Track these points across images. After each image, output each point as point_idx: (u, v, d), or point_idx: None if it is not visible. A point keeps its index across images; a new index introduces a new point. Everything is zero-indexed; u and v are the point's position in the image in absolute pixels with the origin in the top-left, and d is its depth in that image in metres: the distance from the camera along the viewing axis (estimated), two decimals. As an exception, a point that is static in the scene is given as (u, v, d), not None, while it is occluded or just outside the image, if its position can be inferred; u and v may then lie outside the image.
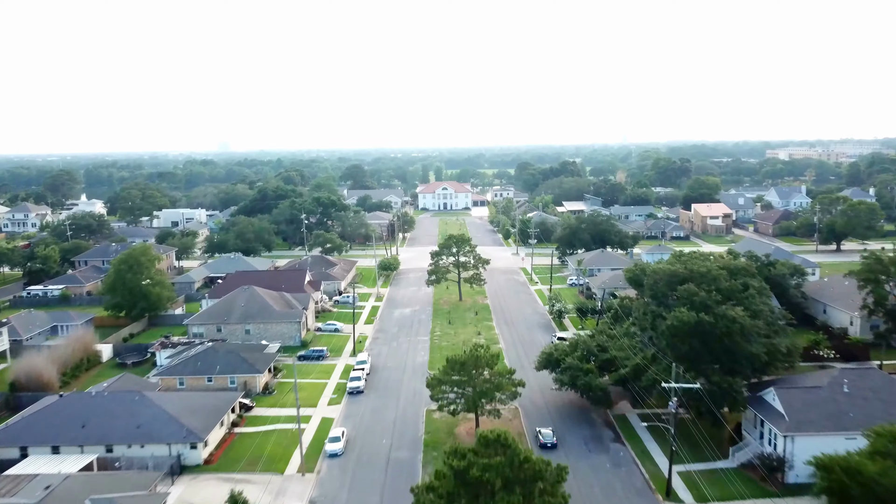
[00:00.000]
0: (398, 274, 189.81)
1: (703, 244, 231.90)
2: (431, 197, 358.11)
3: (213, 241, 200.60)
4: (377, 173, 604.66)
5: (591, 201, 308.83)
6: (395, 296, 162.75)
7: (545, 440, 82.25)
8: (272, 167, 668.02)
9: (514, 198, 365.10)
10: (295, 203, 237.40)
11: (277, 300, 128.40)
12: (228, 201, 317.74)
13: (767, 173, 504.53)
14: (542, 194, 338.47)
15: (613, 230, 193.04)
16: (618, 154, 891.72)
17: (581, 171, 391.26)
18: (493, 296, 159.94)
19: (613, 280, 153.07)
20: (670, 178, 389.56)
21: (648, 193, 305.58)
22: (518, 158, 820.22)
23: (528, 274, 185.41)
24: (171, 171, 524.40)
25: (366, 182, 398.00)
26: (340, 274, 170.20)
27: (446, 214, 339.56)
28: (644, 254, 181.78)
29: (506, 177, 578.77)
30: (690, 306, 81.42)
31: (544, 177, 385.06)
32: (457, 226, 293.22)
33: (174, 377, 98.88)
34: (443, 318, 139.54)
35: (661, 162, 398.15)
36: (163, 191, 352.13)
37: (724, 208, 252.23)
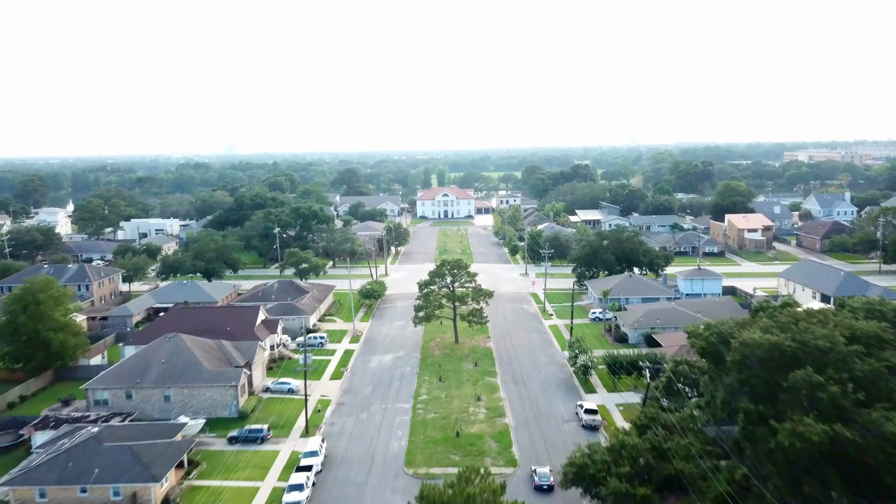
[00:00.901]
0: (384, 301, 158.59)
1: (743, 262, 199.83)
2: (431, 204, 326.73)
3: (167, 261, 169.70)
4: (376, 177, 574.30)
5: (607, 210, 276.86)
6: (376, 334, 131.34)
7: (541, 481, 70.49)
8: (268, 171, 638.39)
9: (521, 205, 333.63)
10: (270, 214, 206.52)
11: (212, 353, 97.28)
12: (206, 210, 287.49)
13: (791, 177, 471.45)
14: (552, 201, 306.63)
15: (641, 248, 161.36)
16: (628, 156, 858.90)
17: (593, 175, 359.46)
18: (498, 335, 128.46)
19: (649, 317, 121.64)
20: (691, 184, 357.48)
21: (671, 201, 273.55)
22: (525, 161, 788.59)
23: (541, 302, 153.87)
24: (152, 175, 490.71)
25: (360, 188, 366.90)
26: (311, 305, 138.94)
27: (447, 223, 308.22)
28: (681, 279, 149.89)
29: (512, 181, 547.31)
30: (811, 406, 50.21)
31: (554, 182, 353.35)
32: (458, 237, 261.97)
33: (32, 488, 67.96)
34: (432, 370, 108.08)
35: (681, 166, 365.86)
36: (138, 198, 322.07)
37: (763, 219, 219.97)
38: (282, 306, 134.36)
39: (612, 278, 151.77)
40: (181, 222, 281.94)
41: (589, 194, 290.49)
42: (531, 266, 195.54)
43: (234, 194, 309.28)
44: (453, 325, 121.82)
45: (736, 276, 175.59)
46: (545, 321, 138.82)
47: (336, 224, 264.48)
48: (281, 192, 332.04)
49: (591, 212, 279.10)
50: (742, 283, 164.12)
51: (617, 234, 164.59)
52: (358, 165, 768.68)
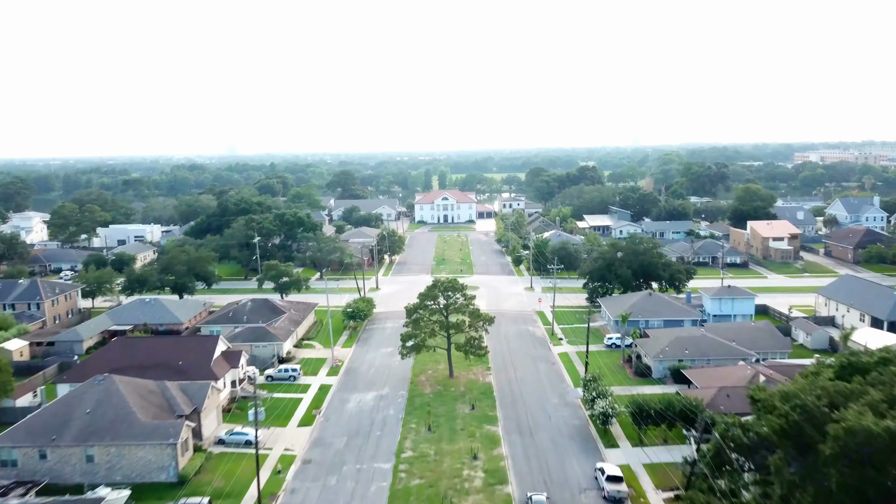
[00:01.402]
0: (372, 321, 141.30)
1: (769, 274, 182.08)
2: (430, 208, 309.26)
3: (132, 275, 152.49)
4: (376, 179, 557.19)
5: (617, 215, 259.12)
6: (359, 364, 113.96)
7: None
8: (264, 172, 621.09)
9: (525, 209, 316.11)
10: (253, 222, 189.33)
11: (151, 398, 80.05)
12: (190, 215, 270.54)
13: (806, 179, 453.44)
14: (558, 206, 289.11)
15: (661, 261, 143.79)
16: (633, 157, 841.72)
17: (601, 178, 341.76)
18: (500, 365, 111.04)
19: (676, 347, 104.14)
20: (704, 186, 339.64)
21: (686, 206, 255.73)
22: (528, 162, 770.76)
23: (548, 323, 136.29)
24: (147, 176, 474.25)
25: (356, 190, 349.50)
26: (285, 329, 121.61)
27: (446, 229, 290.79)
28: (708, 298, 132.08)
29: (516, 182, 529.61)
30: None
31: (560, 184, 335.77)
32: (457, 244, 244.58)
33: None
34: (421, 414, 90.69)
35: (692, 167, 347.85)
36: (120, 202, 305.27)
37: (788, 227, 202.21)
38: (251, 332, 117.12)
39: (629, 296, 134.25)
40: (163, 228, 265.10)
41: (597, 198, 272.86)
42: (537, 278, 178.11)
43: (221, 198, 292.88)
44: (447, 357, 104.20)
45: (763, 291, 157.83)
46: (554, 347, 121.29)
47: (328, 230, 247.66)
48: (272, 196, 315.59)
49: (600, 217, 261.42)
50: (772, 299, 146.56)
51: (633, 244, 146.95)
52: (358, 167, 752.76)
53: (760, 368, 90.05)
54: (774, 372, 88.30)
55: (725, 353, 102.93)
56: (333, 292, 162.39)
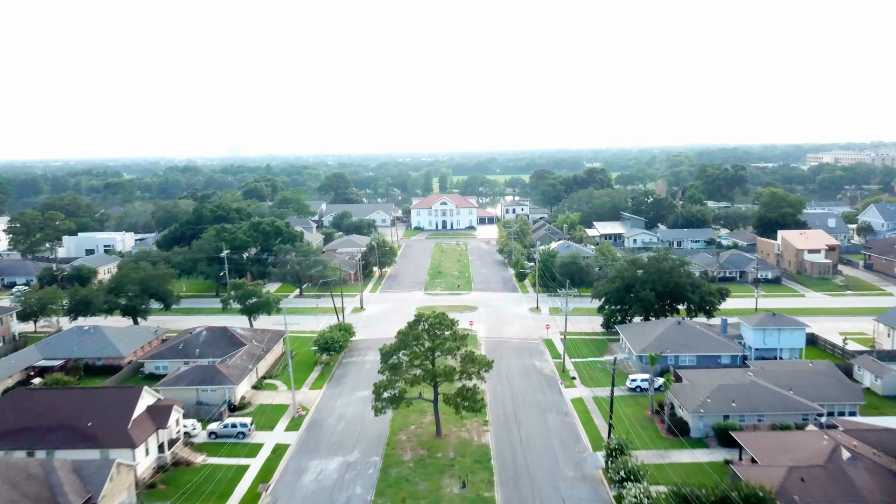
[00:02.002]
0: (351, 352, 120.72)
1: (806, 291, 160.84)
2: (427, 213, 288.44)
3: (76, 296, 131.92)
4: (374, 181, 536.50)
5: (630, 222, 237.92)
6: (327, 415, 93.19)
7: None
8: (259, 174, 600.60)
9: (529, 214, 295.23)
10: (225, 232, 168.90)
11: (26, 488, 59.43)
12: (168, 221, 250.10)
13: (824, 182, 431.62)
14: (565, 211, 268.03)
15: (689, 281, 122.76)
16: (640, 158, 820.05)
17: (610, 181, 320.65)
18: (500, 417, 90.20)
19: (720, 398, 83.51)
20: (720, 190, 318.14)
21: (705, 212, 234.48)
22: (532, 164, 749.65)
23: (558, 355, 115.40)
24: (121, 180, 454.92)
25: (349, 194, 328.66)
26: (240, 368, 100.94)
27: (445, 236, 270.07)
28: (749, 329, 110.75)
29: (519, 185, 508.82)
30: None
31: (567, 188, 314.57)
32: (456, 254, 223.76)
33: None
34: (396, 494, 69.89)
35: (708, 169, 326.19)
36: (95, 207, 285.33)
37: (825, 237, 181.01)
38: (199, 372, 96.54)
39: (654, 325, 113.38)
40: (137, 236, 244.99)
41: (608, 203, 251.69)
42: (543, 296, 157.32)
43: (201, 204, 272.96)
44: (434, 411, 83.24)
45: (803, 314, 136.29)
46: (566, 391, 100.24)
47: (315, 239, 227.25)
48: (259, 201, 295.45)
49: (612, 224, 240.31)
50: (816, 324, 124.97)
51: (656, 261, 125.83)
52: (359, 168, 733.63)
53: (839, 437, 69.15)
54: (859, 443, 67.46)
55: (782, 406, 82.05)
56: (307, 312, 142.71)
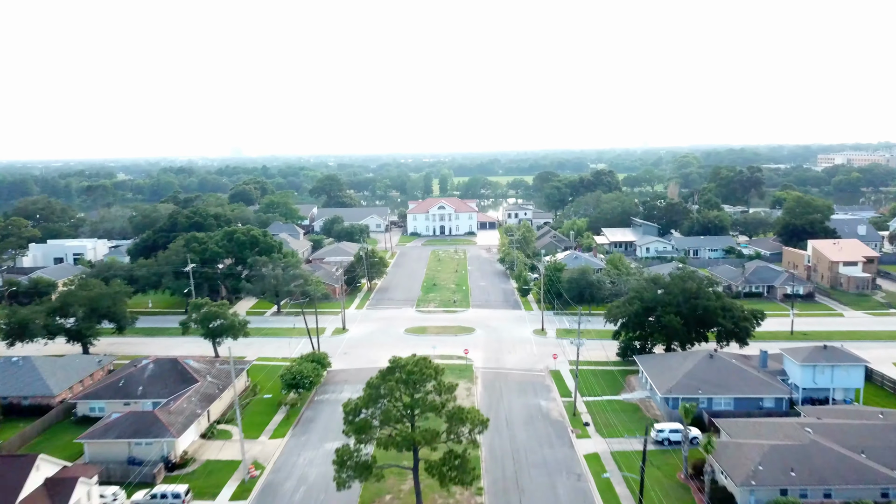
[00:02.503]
0: (326, 386, 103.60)
1: (843, 309, 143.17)
2: (424, 218, 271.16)
3: (13, 318, 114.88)
4: (372, 183, 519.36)
5: (642, 229, 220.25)
6: (285, 477, 75.84)
7: None
8: (256, 175, 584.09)
9: (532, 219, 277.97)
10: (195, 241, 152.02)
11: None
12: (146, 227, 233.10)
13: (840, 184, 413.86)
14: (571, 216, 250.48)
15: (720, 304, 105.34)
16: (645, 159, 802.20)
17: (618, 184, 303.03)
18: (499, 486, 72.67)
19: (774, 464, 66.40)
20: (735, 193, 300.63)
21: (723, 218, 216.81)
22: (535, 165, 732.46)
23: (567, 392, 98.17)
24: (101, 182, 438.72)
25: (342, 197, 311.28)
26: (186, 414, 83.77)
27: (442, 242, 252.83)
28: (795, 365, 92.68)
29: (522, 187, 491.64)
30: None
31: (573, 191, 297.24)
32: (453, 264, 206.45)
33: None
34: None
35: (722, 171, 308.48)
36: (70, 211, 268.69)
37: (861, 248, 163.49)
38: (132, 421, 79.49)
39: (681, 358, 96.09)
40: (111, 243, 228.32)
41: (618, 208, 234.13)
42: (549, 315, 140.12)
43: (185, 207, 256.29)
44: (415, 482, 65.77)
45: (846, 338, 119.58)
46: (578, 442, 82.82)
47: (302, 246, 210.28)
48: (246, 204, 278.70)
49: (622, 231, 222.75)
50: (866, 352, 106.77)
51: (680, 279, 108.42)
52: (359, 169, 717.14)
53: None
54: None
55: (856, 477, 64.76)
56: (283, 334, 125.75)
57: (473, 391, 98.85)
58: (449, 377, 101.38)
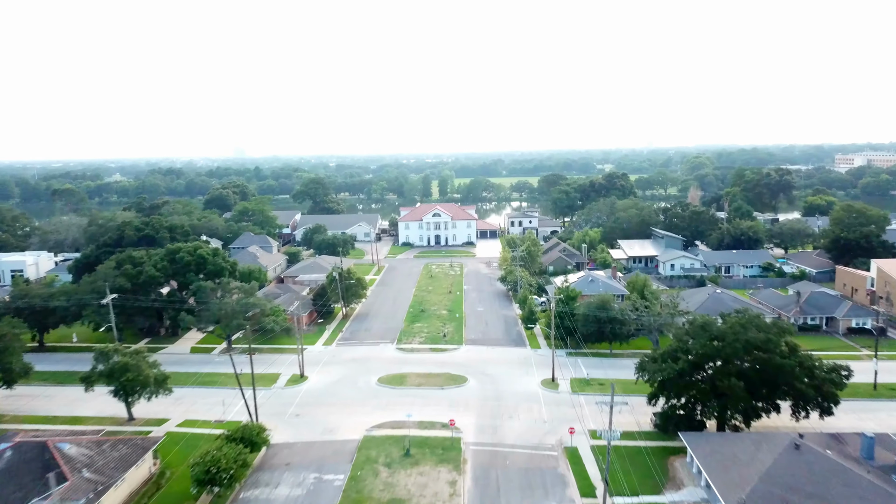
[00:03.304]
0: (257, 475, 75.87)
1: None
2: (417, 227, 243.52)
3: None
4: (367, 185, 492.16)
5: (664, 241, 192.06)
6: None
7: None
8: (249, 177, 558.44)
9: (538, 227, 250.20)
10: (129, 262, 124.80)
11: None
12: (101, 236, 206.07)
13: (868, 187, 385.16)
14: (582, 226, 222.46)
15: (796, 361, 77.16)
16: (654, 160, 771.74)
17: (632, 187, 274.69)
18: None
19: None
20: (762, 199, 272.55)
21: (757, 228, 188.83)
22: (540, 165, 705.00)
23: (591, 491, 70.47)
24: (65, 186, 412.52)
25: (328, 203, 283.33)
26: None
27: (437, 254, 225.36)
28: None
29: (527, 189, 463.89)
30: None
31: (583, 195, 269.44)
32: (447, 283, 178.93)
33: None
34: None
35: (747, 174, 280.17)
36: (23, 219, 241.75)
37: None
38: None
39: (752, 445, 68.41)
40: (59, 257, 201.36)
41: (636, 217, 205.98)
42: (561, 355, 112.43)
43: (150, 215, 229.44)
44: None
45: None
46: None
47: (274, 262, 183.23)
48: (222, 211, 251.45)
49: (641, 244, 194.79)
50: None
51: (741, 326, 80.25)
52: (359, 170, 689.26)
53: None
54: None
55: None
56: (223, 383, 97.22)
57: (459, 487, 71.25)
58: (428, 461, 74.26)
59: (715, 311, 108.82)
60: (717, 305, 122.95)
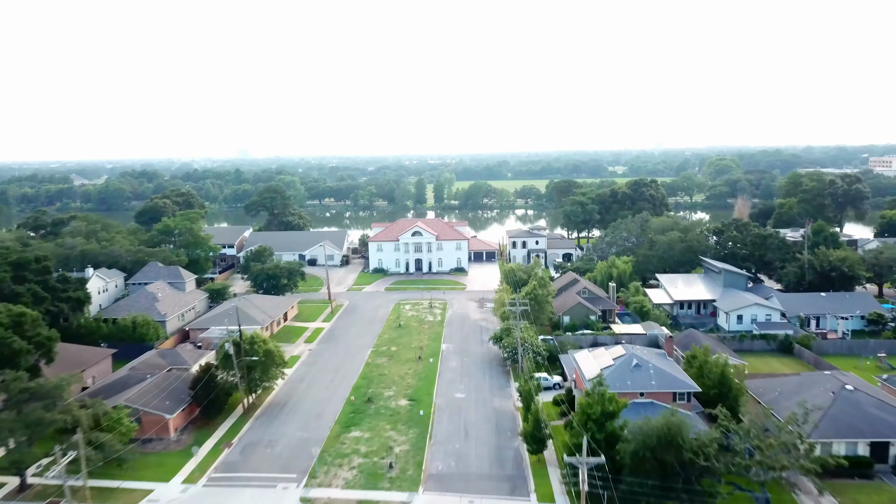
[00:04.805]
0: None
1: None
2: (392, 249, 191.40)
3: None
4: (354, 190, 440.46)
5: (722, 277, 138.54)
6: None
7: None
8: (228, 180, 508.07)
9: (547, 249, 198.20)
10: None
11: None
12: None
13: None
14: (606, 251, 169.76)
15: None
16: (669, 161, 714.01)
17: (664, 199, 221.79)
18: None
19: None
20: (823, 211, 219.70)
21: (852, 260, 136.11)
22: (548, 168, 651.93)
23: None
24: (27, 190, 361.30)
25: (288, 217, 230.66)
26: None
27: (416, 285, 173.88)
28: None
29: (533, 195, 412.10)
30: None
31: (603, 207, 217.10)
32: (422, 335, 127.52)
33: None
34: None
35: (804, 180, 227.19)
36: None
37: None
38: None
39: None
40: None
41: (678, 241, 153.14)
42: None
43: (51, 233, 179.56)
44: None
45: None
46: None
47: (184, 307, 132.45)
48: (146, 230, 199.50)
49: (688, 280, 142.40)
50: None
51: None
52: (354, 172, 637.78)
53: None
54: None
55: None
56: None
57: None
58: None
59: (854, 429, 69.09)
60: (853, 418, 71.96)
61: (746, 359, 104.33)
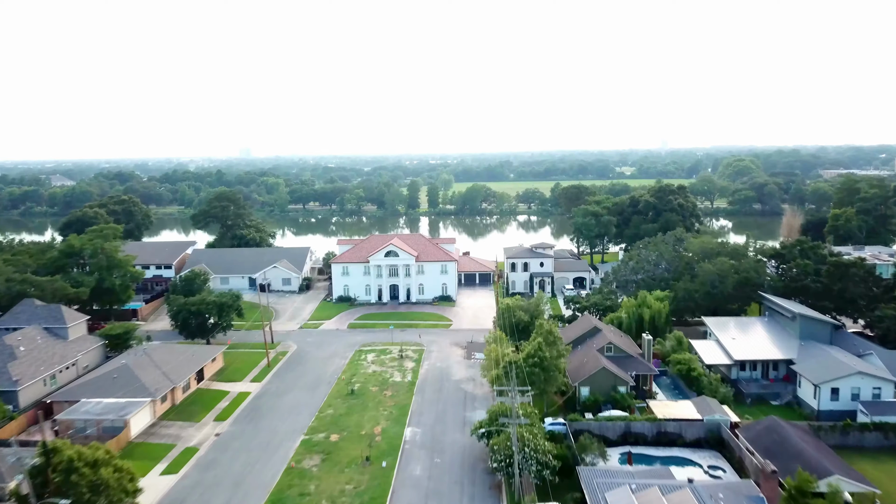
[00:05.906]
0: None
1: None
2: (362, 272, 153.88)
3: None
4: (340, 193, 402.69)
5: (799, 326, 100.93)
6: None
7: None
8: (210, 182, 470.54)
9: (554, 273, 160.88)
10: None
11: None
12: None
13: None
14: (629, 277, 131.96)
15: None
16: (680, 162, 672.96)
17: (694, 207, 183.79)
18: None
19: None
20: (885, 223, 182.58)
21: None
22: (552, 168, 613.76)
23: None
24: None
25: (241, 230, 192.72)
26: None
27: (386, 322, 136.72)
28: None
29: (537, 199, 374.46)
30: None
31: (622, 220, 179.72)
32: (381, 408, 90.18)
33: None
34: None
35: (861, 188, 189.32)
36: None
37: None
38: None
39: None
40: None
41: (730, 273, 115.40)
42: None
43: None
44: None
45: None
46: None
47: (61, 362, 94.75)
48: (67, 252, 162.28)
49: (745, 327, 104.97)
50: None
51: None
52: (349, 172, 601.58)
53: None
54: None
55: None
56: None
57: None
58: None
59: None
60: None
61: (856, 463, 67.87)
